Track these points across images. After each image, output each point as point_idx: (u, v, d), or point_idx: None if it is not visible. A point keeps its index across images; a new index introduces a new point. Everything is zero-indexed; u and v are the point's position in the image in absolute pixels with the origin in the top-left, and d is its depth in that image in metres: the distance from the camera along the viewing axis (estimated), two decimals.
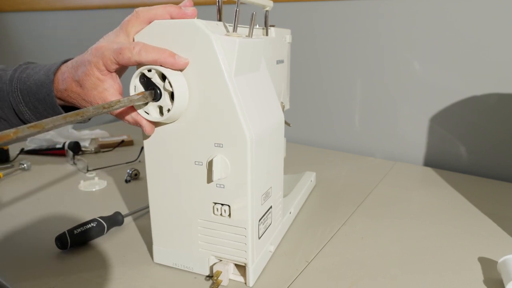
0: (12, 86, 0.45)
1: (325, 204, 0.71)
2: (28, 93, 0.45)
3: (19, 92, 0.45)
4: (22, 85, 0.45)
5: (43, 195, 0.75)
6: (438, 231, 0.61)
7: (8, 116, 0.47)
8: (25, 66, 0.47)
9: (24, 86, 0.45)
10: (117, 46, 0.41)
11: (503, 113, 0.83)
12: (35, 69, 0.46)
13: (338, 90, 1.03)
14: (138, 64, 0.42)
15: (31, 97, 0.45)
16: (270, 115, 0.48)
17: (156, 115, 0.43)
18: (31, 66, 0.47)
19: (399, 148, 0.98)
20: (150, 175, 0.49)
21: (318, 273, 0.50)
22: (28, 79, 0.45)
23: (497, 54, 0.81)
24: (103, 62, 0.41)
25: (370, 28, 0.95)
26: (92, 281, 0.48)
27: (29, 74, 0.45)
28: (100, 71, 0.42)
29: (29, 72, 0.46)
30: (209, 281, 0.49)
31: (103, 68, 0.41)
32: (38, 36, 1.77)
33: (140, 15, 0.42)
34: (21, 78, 0.45)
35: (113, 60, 0.41)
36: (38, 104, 0.45)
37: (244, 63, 0.44)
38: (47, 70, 0.45)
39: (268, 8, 0.60)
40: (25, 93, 0.45)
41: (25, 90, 0.45)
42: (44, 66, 0.46)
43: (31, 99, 0.45)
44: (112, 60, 0.41)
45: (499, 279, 0.49)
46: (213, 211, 0.46)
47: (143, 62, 0.41)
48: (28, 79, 0.45)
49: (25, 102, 0.45)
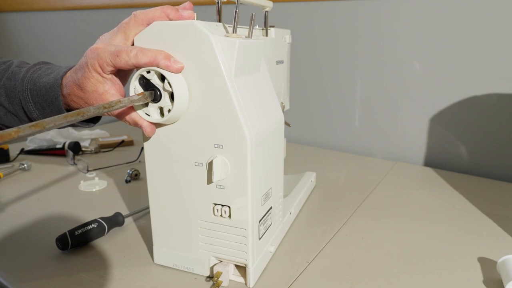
0: (23, 85, 0.46)
1: (325, 204, 0.71)
2: (37, 94, 0.45)
3: (29, 92, 0.46)
4: (32, 85, 0.46)
5: (43, 195, 0.75)
6: (438, 231, 0.61)
7: (18, 112, 0.48)
8: (39, 67, 0.48)
9: (34, 86, 0.46)
10: (114, 49, 0.41)
11: (503, 113, 0.83)
12: (47, 71, 0.47)
13: (338, 90, 1.03)
14: (135, 67, 0.42)
15: (40, 99, 0.45)
16: (270, 116, 0.49)
17: (157, 116, 0.44)
18: (44, 67, 0.48)
19: (399, 148, 0.98)
20: (150, 176, 0.49)
21: (318, 274, 0.50)
22: (38, 80, 0.46)
23: (497, 54, 0.81)
24: (99, 64, 0.41)
25: (370, 28, 0.95)
26: (93, 282, 0.48)
27: (40, 75, 0.46)
28: (98, 73, 0.42)
29: (40, 74, 0.46)
30: (209, 282, 0.49)
31: (100, 70, 0.42)
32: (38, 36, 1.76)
33: (138, 18, 0.43)
34: (32, 78, 0.46)
35: (109, 63, 0.41)
36: (46, 105, 0.46)
37: (244, 64, 0.44)
38: (56, 73, 0.46)
39: (268, 8, 0.60)
40: (35, 94, 0.46)
41: (34, 90, 0.46)
42: (56, 69, 0.47)
43: (40, 100, 0.46)
44: (108, 63, 0.41)
45: (498, 279, 0.49)
46: (213, 212, 0.46)
47: (140, 64, 0.41)
48: (38, 81, 0.46)
49: (34, 102, 0.46)
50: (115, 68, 0.42)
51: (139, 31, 0.43)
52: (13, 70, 0.48)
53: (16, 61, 0.50)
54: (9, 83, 0.47)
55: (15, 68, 0.48)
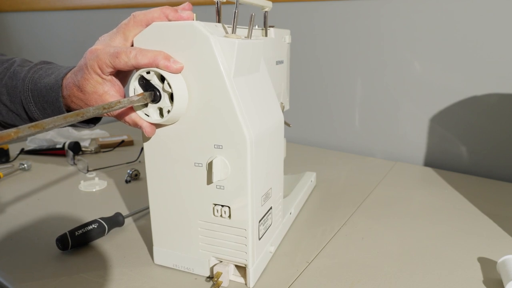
0: (24, 85, 0.46)
1: (325, 204, 0.71)
2: (38, 94, 0.46)
3: (30, 92, 0.46)
4: (33, 85, 0.46)
5: (43, 195, 0.75)
6: (438, 231, 0.61)
7: (20, 111, 0.48)
8: (40, 67, 0.48)
9: (35, 87, 0.46)
10: (113, 50, 0.41)
11: (503, 113, 0.83)
12: (48, 71, 0.47)
13: (338, 90, 1.03)
14: (134, 68, 0.42)
15: (41, 99, 0.46)
16: (269, 116, 0.49)
17: (157, 117, 0.44)
18: (45, 67, 0.48)
19: (399, 148, 0.98)
20: (150, 176, 0.49)
21: (318, 274, 0.50)
22: (39, 81, 0.46)
23: (498, 54, 0.81)
24: (98, 65, 0.41)
25: (370, 28, 0.94)
26: (93, 282, 0.48)
27: (41, 76, 0.46)
28: (98, 74, 0.42)
29: (41, 74, 0.46)
30: (209, 282, 0.49)
31: (99, 71, 0.42)
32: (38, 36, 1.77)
33: (137, 19, 0.43)
34: (33, 78, 0.46)
35: (108, 64, 0.41)
36: (46, 106, 0.46)
37: (244, 64, 0.44)
38: (57, 74, 0.46)
39: (267, 9, 0.60)
40: (36, 94, 0.46)
41: (35, 91, 0.46)
42: (57, 69, 0.47)
43: (41, 101, 0.46)
44: (108, 64, 0.41)
45: (498, 279, 0.49)
46: (213, 212, 0.46)
47: (139, 65, 0.41)
48: (39, 81, 0.46)
49: (35, 102, 0.46)
50: (115, 69, 0.42)
51: (138, 32, 0.43)
52: (15, 69, 0.48)
53: (19, 59, 0.50)
54: (10, 82, 0.47)
55: (17, 67, 0.48)
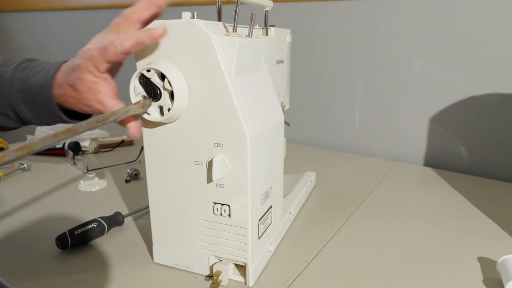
0: (12, 86, 0.45)
1: (325, 204, 0.71)
2: (28, 94, 0.45)
3: (20, 93, 0.45)
4: (22, 85, 0.45)
5: (43, 195, 0.75)
6: (438, 231, 0.61)
7: (7, 112, 0.47)
8: (25, 65, 0.47)
9: (25, 87, 0.45)
10: (100, 45, 0.41)
11: (503, 113, 0.83)
12: (34, 70, 0.46)
13: (338, 90, 1.03)
14: (124, 54, 0.41)
15: (31, 99, 0.45)
16: (270, 115, 0.49)
17: (157, 115, 0.44)
18: (30, 65, 0.47)
19: (399, 148, 0.98)
20: (150, 175, 0.49)
21: (318, 273, 0.50)
22: (28, 80, 0.45)
23: (498, 54, 0.81)
24: (92, 64, 0.41)
25: (370, 28, 0.95)
26: (93, 281, 0.48)
27: (29, 75, 0.45)
28: (92, 73, 0.42)
29: (28, 73, 0.46)
30: (209, 281, 0.49)
31: (94, 70, 0.41)
32: (38, 36, 1.76)
33: (129, 17, 0.42)
34: (21, 78, 0.45)
35: (101, 60, 0.41)
36: (38, 105, 0.45)
37: (244, 63, 0.44)
38: (46, 72, 0.45)
39: (268, 8, 0.60)
40: (26, 94, 0.45)
41: (25, 91, 0.45)
42: (44, 67, 0.46)
43: (31, 101, 0.45)
44: (101, 60, 0.41)
45: (498, 279, 0.49)
46: (213, 211, 0.46)
47: (127, 50, 0.40)
48: (27, 81, 0.45)
49: (26, 103, 0.45)
50: (109, 63, 0.42)
51: (132, 30, 0.43)
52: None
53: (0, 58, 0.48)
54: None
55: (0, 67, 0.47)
